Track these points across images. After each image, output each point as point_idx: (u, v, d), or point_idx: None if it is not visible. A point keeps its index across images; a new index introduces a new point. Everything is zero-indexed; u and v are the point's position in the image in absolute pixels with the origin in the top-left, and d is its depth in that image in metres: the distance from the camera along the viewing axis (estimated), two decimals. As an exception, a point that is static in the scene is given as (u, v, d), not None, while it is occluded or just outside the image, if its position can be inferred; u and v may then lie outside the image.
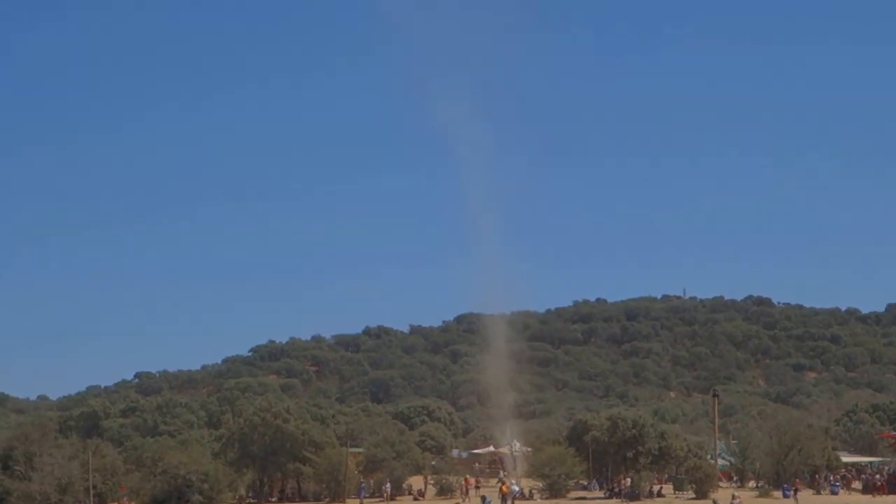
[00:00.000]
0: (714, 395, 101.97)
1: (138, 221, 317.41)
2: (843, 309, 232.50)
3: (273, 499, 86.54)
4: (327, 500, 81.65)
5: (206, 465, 79.42)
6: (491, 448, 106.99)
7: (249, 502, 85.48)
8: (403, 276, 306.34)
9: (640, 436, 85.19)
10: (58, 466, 78.14)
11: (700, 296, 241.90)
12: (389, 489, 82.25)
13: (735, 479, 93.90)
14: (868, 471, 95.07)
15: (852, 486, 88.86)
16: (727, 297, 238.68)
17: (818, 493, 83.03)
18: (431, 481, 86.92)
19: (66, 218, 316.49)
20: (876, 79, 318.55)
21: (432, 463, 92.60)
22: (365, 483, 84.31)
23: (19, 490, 78.49)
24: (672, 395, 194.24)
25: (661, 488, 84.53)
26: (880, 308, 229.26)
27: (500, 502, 74.99)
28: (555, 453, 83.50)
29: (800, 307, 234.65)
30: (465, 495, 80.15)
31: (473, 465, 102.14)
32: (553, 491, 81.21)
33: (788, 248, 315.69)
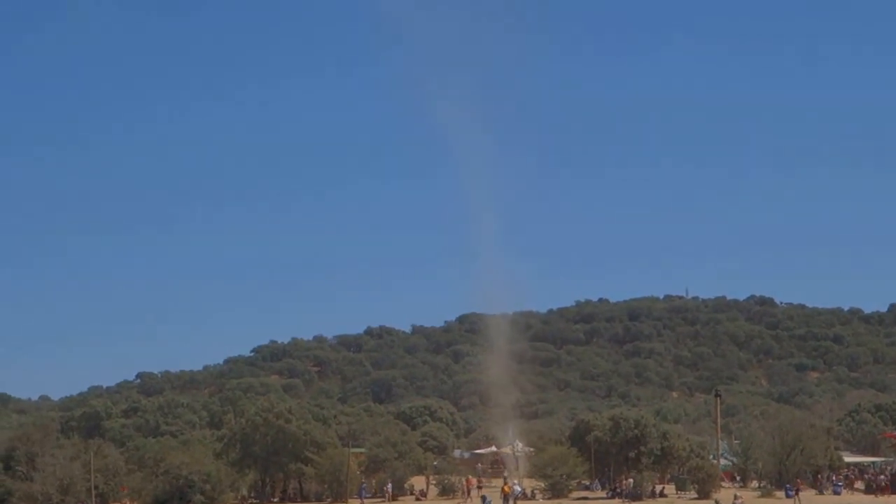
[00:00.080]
0: (716, 395, 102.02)
1: (140, 222, 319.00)
2: (846, 309, 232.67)
3: (275, 499, 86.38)
4: (329, 500, 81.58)
5: (207, 465, 79.24)
6: (493, 448, 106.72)
7: (251, 503, 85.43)
8: (405, 276, 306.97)
9: (642, 436, 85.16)
10: (59, 467, 78.00)
11: (702, 296, 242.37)
12: (391, 489, 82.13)
13: (737, 479, 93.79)
14: (871, 471, 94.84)
15: (855, 486, 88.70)
16: (729, 297, 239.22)
17: (821, 494, 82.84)
18: (433, 481, 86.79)
19: (67, 218, 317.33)
20: (877, 79, 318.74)
21: (434, 463, 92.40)
22: (366, 483, 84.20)
23: (21, 490, 78.46)
24: (674, 395, 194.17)
25: (664, 488, 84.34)
26: (883, 308, 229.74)
27: (501, 502, 74.85)
28: (557, 453, 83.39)
29: (802, 307, 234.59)
30: (467, 496, 79.99)
31: (475, 465, 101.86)
32: (555, 491, 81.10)
33: (791, 247, 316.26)
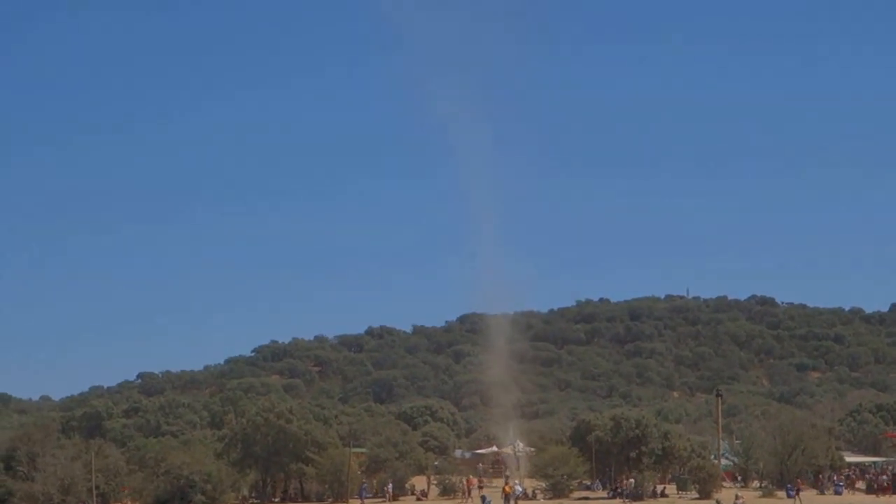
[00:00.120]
0: (717, 395, 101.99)
1: (140, 222, 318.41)
2: (847, 308, 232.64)
3: (276, 499, 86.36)
4: (330, 500, 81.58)
5: (208, 465, 79.25)
6: (494, 448, 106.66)
7: (252, 503, 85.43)
8: (406, 276, 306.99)
9: (643, 436, 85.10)
10: (60, 467, 77.97)
11: (703, 295, 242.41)
12: (392, 489, 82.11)
13: (738, 479, 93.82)
14: (872, 471, 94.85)
15: (856, 486, 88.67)
16: (730, 297, 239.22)
17: (822, 494, 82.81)
18: (434, 481, 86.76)
19: (67, 218, 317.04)
20: (877, 79, 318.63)
21: (435, 463, 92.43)
22: (367, 483, 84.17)
23: (22, 490, 78.40)
24: (675, 395, 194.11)
25: (665, 488, 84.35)
26: (884, 308, 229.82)
27: (502, 502, 74.80)
28: (558, 453, 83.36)
29: (803, 307, 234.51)
30: (467, 495, 79.93)
31: (476, 465, 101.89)
32: (556, 491, 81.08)
33: (792, 247, 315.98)
